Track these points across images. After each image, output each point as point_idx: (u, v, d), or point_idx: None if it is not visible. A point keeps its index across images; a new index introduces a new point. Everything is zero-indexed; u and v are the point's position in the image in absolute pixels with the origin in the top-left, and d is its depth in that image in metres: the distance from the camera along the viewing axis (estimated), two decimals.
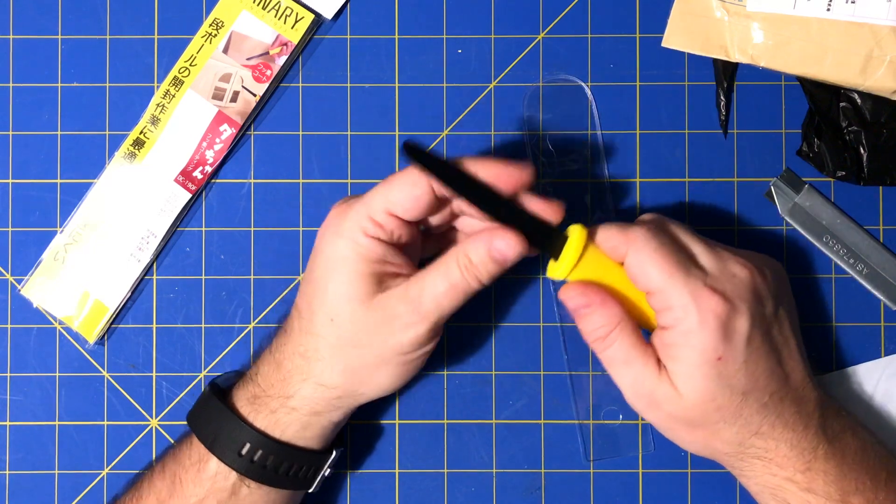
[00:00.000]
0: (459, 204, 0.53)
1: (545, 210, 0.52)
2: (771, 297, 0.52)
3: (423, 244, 0.56)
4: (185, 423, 0.57)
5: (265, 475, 0.53)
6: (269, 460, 0.53)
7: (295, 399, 0.53)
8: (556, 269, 0.52)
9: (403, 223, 0.52)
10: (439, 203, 0.53)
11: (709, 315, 0.49)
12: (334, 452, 0.56)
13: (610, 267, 0.52)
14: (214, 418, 0.54)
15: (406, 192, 0.51)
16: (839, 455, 0.52)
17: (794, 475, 0.52)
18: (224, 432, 0.53)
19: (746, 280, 0.51)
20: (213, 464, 0.53)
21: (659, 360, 0.51)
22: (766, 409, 0.51)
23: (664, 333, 0.51)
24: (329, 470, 0.56)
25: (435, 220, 0.54)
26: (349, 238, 0.51)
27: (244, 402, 0.54)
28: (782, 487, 0.52)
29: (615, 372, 0.52)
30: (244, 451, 0.53)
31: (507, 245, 0.51)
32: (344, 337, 0.52)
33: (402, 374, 0.53)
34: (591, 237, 0.52)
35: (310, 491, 0.56)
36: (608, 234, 0.51)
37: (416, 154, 0.49)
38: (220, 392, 0.56)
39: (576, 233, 0.51)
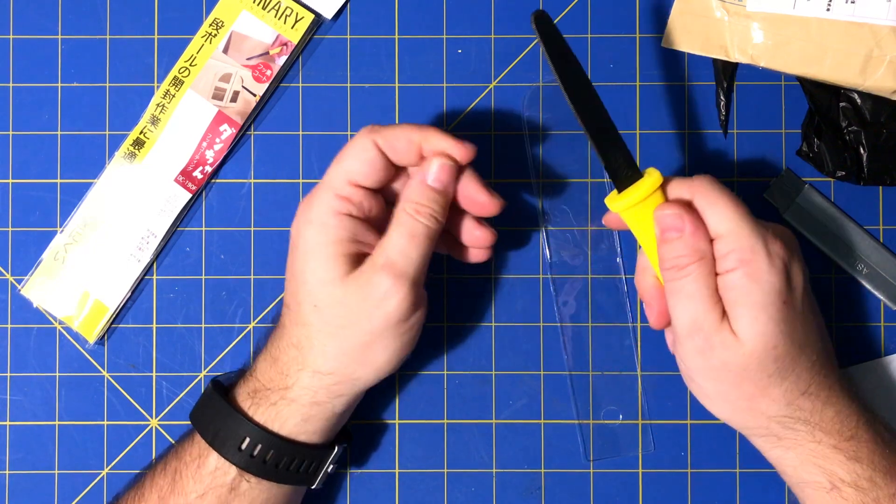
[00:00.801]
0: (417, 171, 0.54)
1: (488, 201, 0.54)
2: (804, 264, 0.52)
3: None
4: (186, 422, 0.57)
5: (265, 470, 0.53)
6: (270, 455, 0.53)
7: (293, 390, 0.53)
8: (615, 202, 0.52)
9: (368, 192, 0.53)
10: (396, 169, 0.54)
11: (776, 258, 0.49)
12: (337, 448, 0.56)
13: (648, 222, 0.52)
14: (215, 414, 0.54)
15: (359, 158, 0.52)
16: (878, 426, 0.52)
17: (840, 443, 0.51)
18: (224, 427, 0.53)
19: (791, 237, 0.52)
20: (213, 459, 0.53)
21: (723, 309, 0.50)
22: (815, 367, 0.51)
23: (729, 276, 0.50)
24: (332, 466, 0.56)
25: (398, 185, 0.55)
26: (318, 222, 0.52)
27: (244, 397, 0.54)
28: (828, 457, 0.51)
29: (677, 303, 0.51)
30: (244, 446, 0.53)
31: (439, 167, 0.52)
32: (330, 321, 0.52)
33: (396, 350, 0.53)
34: (663, 185, 0.52)
35: (312, 487, 0.56)
36: (673, 182, 0.52)
37: (545, 27, 0.49)
38: (222, 389, 0.56)
39: (654, 175, 0.51)
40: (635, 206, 0.52)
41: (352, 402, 0.55)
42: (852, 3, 0.59)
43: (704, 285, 0.50)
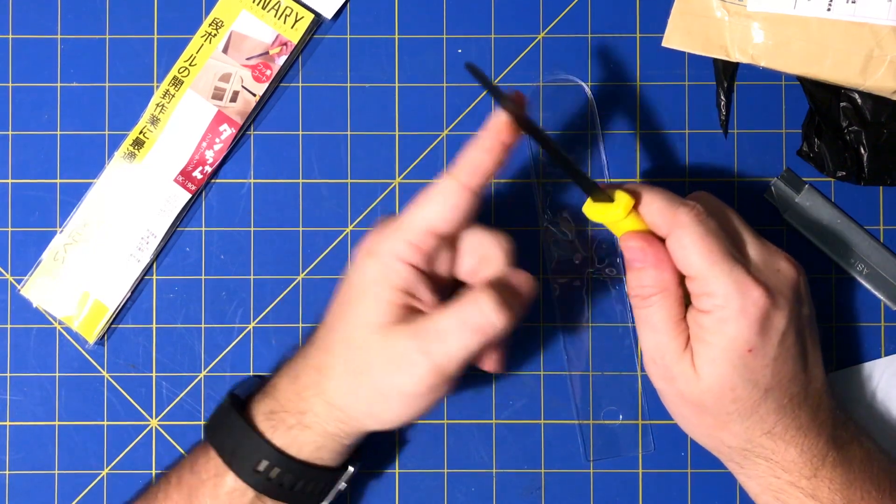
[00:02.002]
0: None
1: (496, 241, 0.52)
2: (808, 300, 0.52)
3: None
4: (186, 422, 0.56)
5: (281, 493, 0.53)
6: (286, 478, 0.52)
7: (309, 416, 0.52)
8: (591, 212, 0.52)
9: (443, 241, 0.51)
10: (474, 208, 0.51)
11: (749, 306, 0.48)
12: (350, 469, 0.55)
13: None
14: (233, 432, 0.53)
15: (441, 203, 0.50)
16: (846, 464, 0.52)
17: (800, 480, 0.51)
18: (243, 448, 0.53)
19: (791, 277, 0.51)
20: (231, 479, 0.53)
21: (688, 338, 0.50)
22: (783, 410, 0.51)
23: (700, 316, 0.50)
24: (344, 485, 0.55)
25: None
26: (382, 262, 0.50)
27: (262, 417, 0.53)
28: (785, 491, 0.52)
29: (642, 332, 0.51)
30: (261, 468, 0.52)
31: (523, 276, 0.52)
32: (354, 361, 0.51)
33: (402, 414, 0.52)
34: (635, 206, 0.51)
35: None
36: (653, 209, 0.50)
37: (480, 76, 0.49)
38: (240, 403, 0.55)
39: (623, 200, 0.50)
40: (609, 224, 0.52)
41: (363, 438, 0.54)
42: (853, 3, 0.58)
43: (667, 316, 0.50)
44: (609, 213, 0.51)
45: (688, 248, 0.49)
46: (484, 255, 0.52)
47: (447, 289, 0.53)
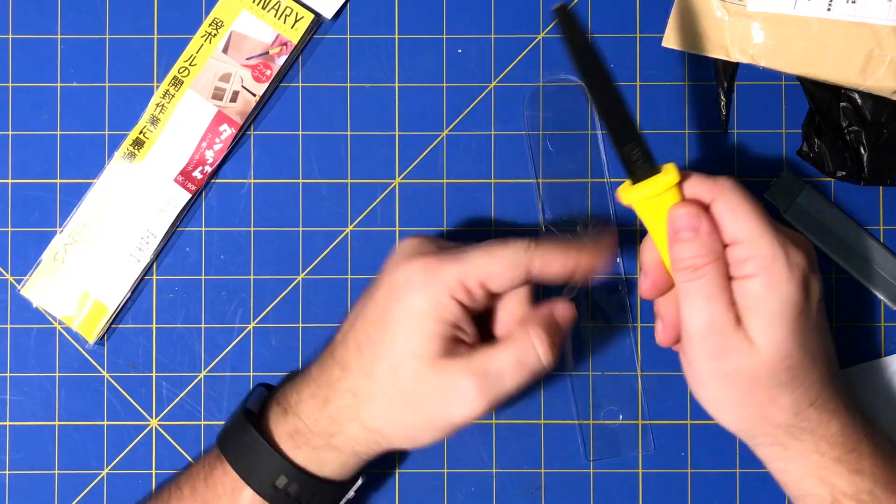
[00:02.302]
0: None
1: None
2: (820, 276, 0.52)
3: None
4: (186, 422, 0.56)
5: None
6: (304, 494, 0.53)
7: (339, 438, 0.52)
8: (627, 193, 0.51)
9: (491, 295, 0.52)
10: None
11: (795, 268, 0.48)
12: (360, 479, 0.56)
13: (662, 216, 0.51)
14: (251, 448, 0.53)
15: (507, 269, 0.51)
16: (881, 439, 0.52)
17: (843, 455, 0.51)
18: (261, 464, 0.52)
19: (808, 244, 0.51)
20: (248, 494, 0.53)
21: (737, 315, 0.49)
22: (823, 380, 0.50)
23: (746, 283, 0.49)
24: (352, 493, 0.56)
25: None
26: (433, 295, 0.50)
27: (284, 436, 0.53)
28: (831, 469, 0.51)
29: (692, 305, 0.49)
30: (279, 484, 0.52)
31: (566, 310, 0.52)
32: (401, 391, 0.51)
33: (442, 438, 0.52)
34: (680, 182, 0.51)
35: None
36: (693, 179, 0.50)
37: (567, 20, 0.49)
38: (254, 417, 0.55)
39: (671, 172, 0.50)
40: (649, 201, 0.51)
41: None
42: (853, 2, 0.58)
43: (722, 286, 0.49)
44: (657, 184, 0.50)
45: (737, 209, 0.49)
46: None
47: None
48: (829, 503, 0.51)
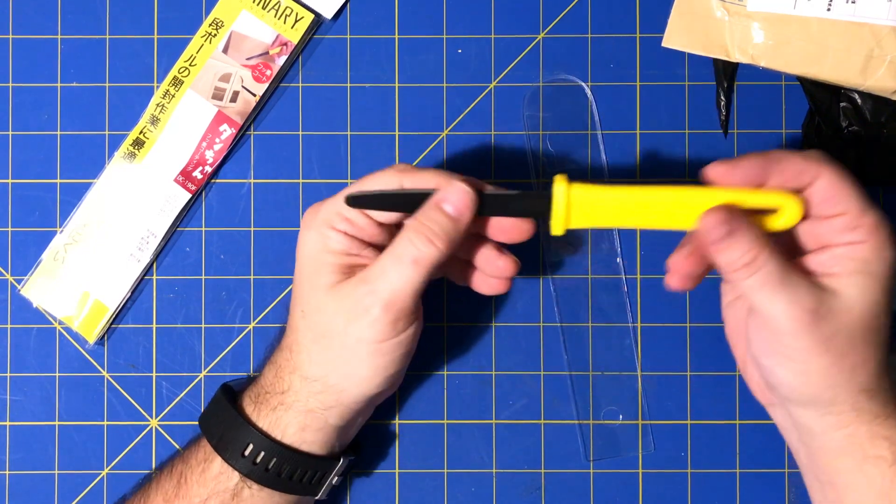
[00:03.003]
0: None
1: (502, 260, 0.54)
2: None
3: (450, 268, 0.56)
4: (186, 422, 0.57)
5: (268, 478, 0.53)
6: (272, 463, 0.53)
7: (289, 395, 0.53)
8: (561, 224, 0.51)
9: (375, 223, 0.53)
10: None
11: (893, 235, 0.49)
12: (342, 460, 0.55)
13: (607, 203, 0.50)
14: (221, 419, 0.54)
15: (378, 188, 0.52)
16: None
17: None
18: (229, 432, 0.54)
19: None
20: (217, 464, 0.53)
21: (812, 281, 0.49)
22: (886, 344, 0.50)
23: (854, 249, 0.49)
24: (337, 478, 0.56)
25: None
26: (316, 230, 0.52)
27: (248, 401, 0.55)
28: None
29: (768, 297, 0.48)
30: (247, 453, 0.53)
31: (458, 193, 0.51)
32: (314, 327, 0.52)
33: (378, 367, 0.52)
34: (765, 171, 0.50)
35: (316, 498, 0.56)
36: (796, 160, 0.50)
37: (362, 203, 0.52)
38: (231, 394, 0.56)
39: (558, 180, 0.50)
40: (572, 218, 0.51)
41: (347, 415, 0.54)
42: (853, 2, 0.59)
43: (784, 265, 0.49)
44: (561, 197, 0.50)
45: (841, 183, 0.49)
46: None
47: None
48: (891, 464, 0.50)
